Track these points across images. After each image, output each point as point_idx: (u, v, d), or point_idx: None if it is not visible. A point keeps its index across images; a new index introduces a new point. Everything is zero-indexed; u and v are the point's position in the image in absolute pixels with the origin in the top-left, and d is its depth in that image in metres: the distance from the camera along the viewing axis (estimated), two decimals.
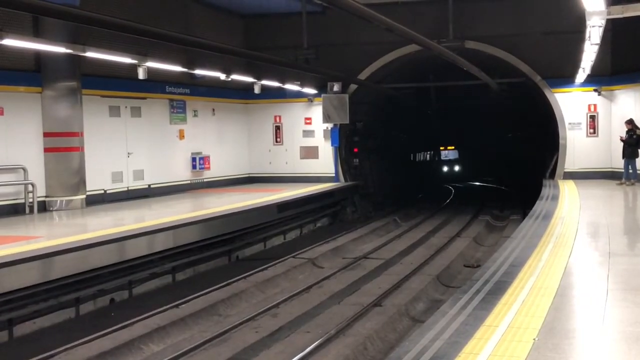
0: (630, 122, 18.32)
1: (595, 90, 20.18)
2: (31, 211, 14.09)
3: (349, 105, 21.40)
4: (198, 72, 17.49)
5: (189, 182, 19.83)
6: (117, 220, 13.31)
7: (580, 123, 20.55)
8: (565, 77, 20.03)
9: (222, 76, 17.69)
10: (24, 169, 14.13)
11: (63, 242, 10.27)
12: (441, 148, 46.03)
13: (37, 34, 13.95)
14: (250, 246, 15.85)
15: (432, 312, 8.46)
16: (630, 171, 18.19)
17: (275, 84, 20.16)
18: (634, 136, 18.09)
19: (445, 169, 46.44)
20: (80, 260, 10.01)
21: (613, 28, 17.66)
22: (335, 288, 12.04)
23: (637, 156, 18.16)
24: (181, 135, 19.47)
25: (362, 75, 21.66)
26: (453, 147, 46.64)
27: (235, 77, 18.14)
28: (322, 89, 21.47)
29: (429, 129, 39.22)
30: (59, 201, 14.69)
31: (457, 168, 46.61)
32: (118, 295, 11.48)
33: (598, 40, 11.11)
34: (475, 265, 13.96)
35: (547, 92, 20.81)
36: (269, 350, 8.77)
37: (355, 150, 23.58)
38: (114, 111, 16.86)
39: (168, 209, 14.95)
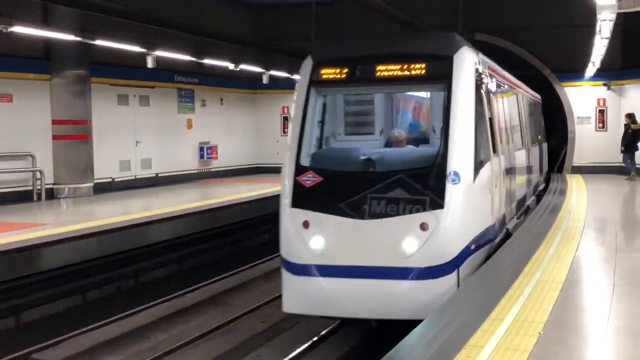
0: (629, 116, 18.25)
1: (604, 85, 20.09)
2: (39, 198, 14.13)
3: None
4: (207, 61, 17.49)
5: (196, 171, 19.85)
6: (124, 208, 13.35)
7: (589, 117, 20.48)
8: (574, 71, 19.93)
9: (231, 66, 17.68)
10: (32, 156, 14.18)
11: (70, 229, 10.30)
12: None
13: (46, 21, 13.96)
14: (257, 236, 15.86)
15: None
16: (630, 164, 18.16)
17: (283, 74, 20.12)
18: (629, 131, 18.08)
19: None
20: (88, 248, 10.05)
21: (624, 22, 17.52)
22: None
23: (637, 149, 18.11)
24: (189, 125, 19.48)
25: None
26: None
27: (243, 67, 18.12)
28: None
29: None
30: (66, 189, 14.73)
31: None
32: (124, 284, 11.51)
33: (608, 34, 11.04)
34: None
35: (556, 86, 20.74)
36: (275, 340, 8.78)
37: None
38: (123, 100, 16.88)
39: (176, 198, 14.98)
